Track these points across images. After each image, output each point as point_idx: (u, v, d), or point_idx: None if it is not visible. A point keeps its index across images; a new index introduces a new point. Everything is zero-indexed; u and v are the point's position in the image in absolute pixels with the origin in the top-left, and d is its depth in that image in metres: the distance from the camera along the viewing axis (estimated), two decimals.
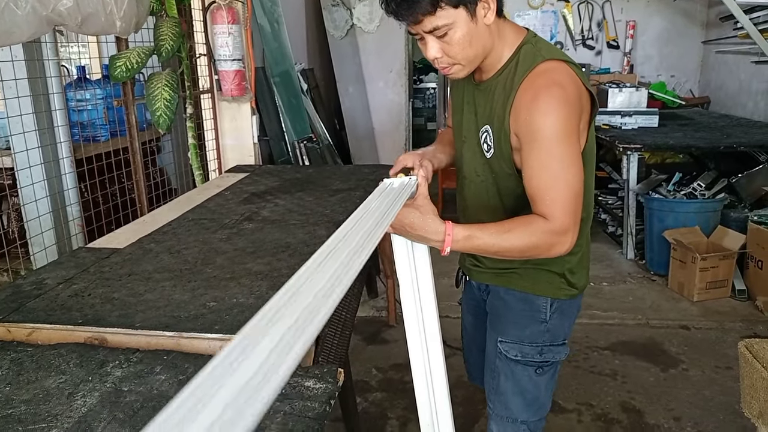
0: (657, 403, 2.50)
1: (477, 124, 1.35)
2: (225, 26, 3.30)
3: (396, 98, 5.81)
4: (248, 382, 0.45)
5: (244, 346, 0.49)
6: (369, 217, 1.00)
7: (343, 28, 5.67)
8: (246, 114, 3.59)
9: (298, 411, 1.07)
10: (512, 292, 1.44)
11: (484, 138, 1.33)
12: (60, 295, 1.53)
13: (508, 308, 1.45)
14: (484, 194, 1.40)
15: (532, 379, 1.44)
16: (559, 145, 1.17)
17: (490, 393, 1.51)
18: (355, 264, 0.73)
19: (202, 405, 0.42)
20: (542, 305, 1.41)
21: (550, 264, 1.37)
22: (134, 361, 1.24)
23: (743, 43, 4.99)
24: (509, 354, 1.44)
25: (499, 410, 1.49)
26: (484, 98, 1.32)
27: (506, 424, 1.49)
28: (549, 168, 1.18)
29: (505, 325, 1.45)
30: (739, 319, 3.23)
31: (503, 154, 1.29)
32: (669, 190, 3.97)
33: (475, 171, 1.39)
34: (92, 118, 3.12)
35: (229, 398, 0.43)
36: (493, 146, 1.30)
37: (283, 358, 0.48)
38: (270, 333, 0.51)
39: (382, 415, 2.46)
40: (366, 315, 3.35)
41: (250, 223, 2.12)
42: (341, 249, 0.79)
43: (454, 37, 1.19)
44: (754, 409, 1.16)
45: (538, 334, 1.42)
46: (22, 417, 1.06)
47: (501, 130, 1.27)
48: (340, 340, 1.68)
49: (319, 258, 0.75)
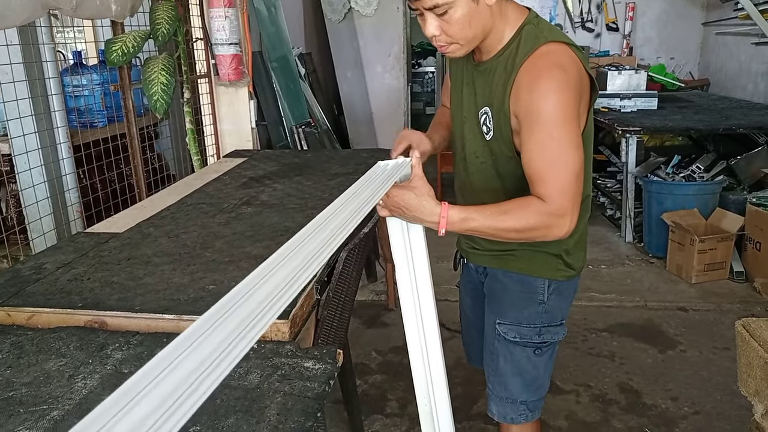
0: (655, 384, 2.52)
1: (476, 106, 1.34)
2: (222, 10, 3.27)
3: (394, 82, 5.78)
4: (210, 355, 0.46)
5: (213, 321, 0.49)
6: (355, 198, 1.00)
7: (340, 11, 5.62)
8: (243, 99, 3.57)
9: (298, 391, 1.08)
10: (510, 274, 1.44)
11: (484, 120, 1.32)
12: (59, 279, 1.53)
13: (505, 290, 1.45)
14: (483, 176, 1.39)
15: (530, 360, 1.45)
16: (559, 127, 1.16)
17: (490, 374, 1.52)
18: (333, 244, 0.73)
19: (168, 371, 0.43)
20: (540, 286, 1.41)
21: (546, 246, 1.37)
22: (134, 343, 1.25)
23: (743, 24, 4.96)
24: (508, 335, 1.44)
25: (498, 391, 1.50)
26: (484, 79, 1.30)
27: (506, 405, 1.50)
28: (548, 149, 1.17)
29: (503, 307, 1.46)
30: (737, 301, 3.24)
31: (503, 137, 1.28)
32: (668, 172, 3.97)
33: (475, 153, 1.38)
34: (89, 103, 3.10)
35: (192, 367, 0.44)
36: (493, 128, 1.30)
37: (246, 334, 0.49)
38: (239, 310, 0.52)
39: (382, 396, 2.48)
40: (365, 299, 3.36)
41: (249, 208, 2.12)
42: (324, 228, 0.79)
43: (454, 16, 1.18)
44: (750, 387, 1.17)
45: (536, 315, 1.43)
46: (23, 399, 1.07)
47: (501, 112, 1.26)
48: (340, 323, 1.69)
49: (299, 238, 0.74)
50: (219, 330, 0.48)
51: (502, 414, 1.51)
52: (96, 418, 0.37)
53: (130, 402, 0.40)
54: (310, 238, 0.71)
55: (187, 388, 0.43)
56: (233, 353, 0.46)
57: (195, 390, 0.43)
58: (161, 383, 0.42)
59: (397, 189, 1.22)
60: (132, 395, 0.40)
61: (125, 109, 3.00)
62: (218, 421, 1.01)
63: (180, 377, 0.43)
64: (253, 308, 0.52)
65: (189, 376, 0.43)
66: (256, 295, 0.54)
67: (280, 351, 1.21)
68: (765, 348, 1.12)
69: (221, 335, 0.48)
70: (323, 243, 0.70)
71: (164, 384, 0.42)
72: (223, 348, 0.46)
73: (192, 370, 0.44)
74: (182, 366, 0.44)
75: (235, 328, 0.49)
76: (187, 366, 0.44)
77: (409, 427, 2.29)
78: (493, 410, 1.53)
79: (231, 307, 0.51)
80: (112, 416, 0.38)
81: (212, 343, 0.47)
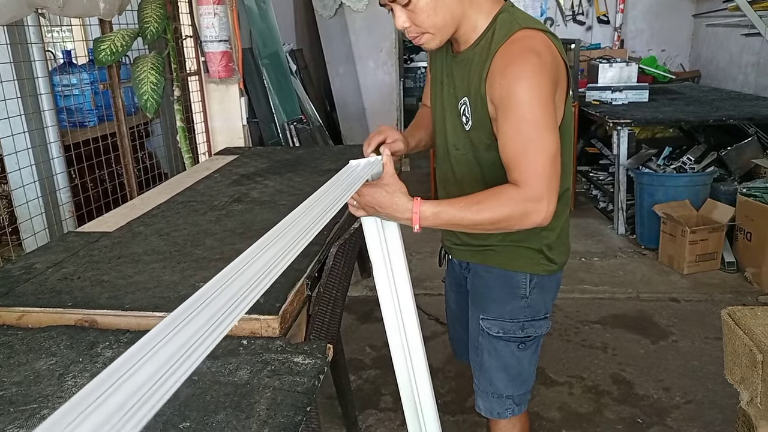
0: (647, 375, 2.54)
1: (456, 97, 1.34)
2: (211, 7, 3.26)
3: (386, 78, 5.78)
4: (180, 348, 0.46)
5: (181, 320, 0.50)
6: (326, 197, 1.01)
7: (331, 7, 5.61)
8: (234, 96, 3.57)
9: (288, 386, 1.08)
10: (491, 269, 1.43)
11: (463, 110, 1.31)
12: (49, 278, 1.53)
13: (487, 286, 1.45)
14: (465, 167, 1.39)
15: (514, 355, 1.45)
16: (533, 110, 1.15)
17: (475, 369, 1.52)
18: (299, 245, 0.74)
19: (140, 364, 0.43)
20: (521, 281, 1.41)
21: (527, 240, 1.37)
22: (124, 341, 1.25)
23: (733, 15, 4.98)
24: (491, 331, 1.44)
25: (484, 386, 1.50)
26: (461, 70, 1.31)
27: (492, 400, 1.50)
28: (522, 133, 1.16)
29: (486, 302, 1.46)
30: (728, 291, 3.27)
31: (482, 125, 1.28)
32: (659, 164, 3.98)
33: (455, 145, 1.38)
34: (79, 103, 3.09)
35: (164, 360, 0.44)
36: (471, 118, 1.29)
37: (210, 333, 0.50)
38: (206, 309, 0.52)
39: (376, 391, 2.49)
40: (359, 294, 3.37)
41: (240, 205, 2.12)
42: (290, 230, 0.80)
43: (418, 5, 1.19)
44: (736, 375, 1.18)
45: (519, 309, 1.42)
46: (14, 398, 1.07)
47: (478, 100, 1.26)
48: (331, 318, 1.69)
49: (268, 238, 0.75)
50: (186, 328, 0.49)
51: (488, 409, 1.51)
52: (62, 416, 0.38)
53: (93, 403, 0.40)
54: (278, 239, 0.71)
55: (150, 388, 0.43)
56: (198, 350, 0.47)
57: (158, 389, 0.44)
58: (126, 383, 0.43)
59: (369, 188, 1.23)
60: (97, 394, 0.41)
61: (115, 108, 2.99)
62: (208, 416, 1.01)
63: (145, 377, 0.44)
64: (220, 306, 0.52)
65: (153, 376, 0.44)
66: (222, 294, 0.55)
67: (270, 347, 1.21)
68: (750, 336, 1.13)
69: (188, 333, 0.48)
70: (290, 242, 0.70)
71: (130, 382, 0.43)
72: (190, 345, 0.47)
73: (158, 368, 0.44)
74: (147, 365, 0.45)
75: (201, 327, 0.49)
76: (152, 364, 0.45)
77: (403, 421, 2.28)
78: (480, 405, 1.53)
79: (198, 307, 0.51)
80: (78, 414, 0.38)
81: (179, 340, 0.47)
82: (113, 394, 0.42)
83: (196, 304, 0.52)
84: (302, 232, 0.74)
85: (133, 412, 0.42)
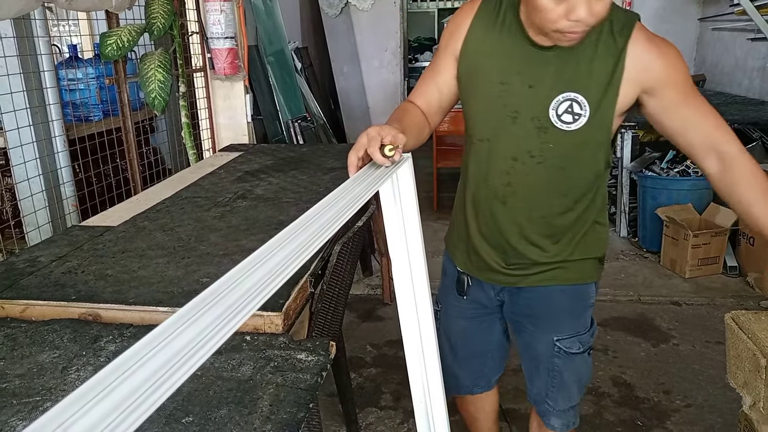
0: (647, 377, 2.54)
1: (544, 94, 1.20)
2: (217, 4, 3.27)
3: (391, 77, 5.78)
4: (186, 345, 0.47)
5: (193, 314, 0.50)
6: (346, 195, 0.99)
7: (337, 6, 5.61)
8: (239, 93, 3.57)
9: (290, 382, 1.08)
10: (559, 287, 1.37)
11: (567, 108, 1.19)
12: (53, 272, 1.54)
13: (557, 305, 1.39)
14: (541, 177, 1.25)
15: (586, 362, 1.44)
16: (696, 89, 1.20)
17: (549, 392, 1.45)
18: (319, 241, 0.72)
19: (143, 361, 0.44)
20: (591, 291, 1.41)
21: (595, 250, 1.37)
22: (128, 335, 1.26)
23: (739, 19, 4.96)
24: (572, 349, 1.39)
25: (563, 404, 1.46)
26: (557, 63, 1.19)
27: (568, 414, 1.48)
28: (708, 107, 1.20)
29: (559, 322, 1.40)
30: (730, 295, 3.26)
31: (603, 121, 1.20)
32: (662, 167, 3.97)
33: (530, 152, 1.24)
34: (84, 97, 3.09)
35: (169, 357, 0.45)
36: (588, 114, 1.18)
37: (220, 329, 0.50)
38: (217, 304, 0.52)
39: (377, 389, 2.49)
40: (361, 293, 3.37)
41: (244, 201, 2.13)
42: (310, 226, 0.78)
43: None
44: (739, 379, 1.18)
45: (588, 318, 1.42)
46: (17, 391, 1.08)
47: (607, 92, 1.17)
48: (334, 316, 1.69)
49: (287, 233, 0.74)
50: (197, 323, 0.49)
51: (565, 424, 1.49)
52: (60, 412, 0.38)
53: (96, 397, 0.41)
54: (297, 234, 0.71)
55: (156, 381, 0.44)
56: (207, 345, 0.47)
57: (165, 381, 0.44)
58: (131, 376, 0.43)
59: None
60: (98, 390, 0.41)
61: (121, 103, 2.99)
62: (211, 411, 1.01)
63: (151, 370, 0.44)
64: (233, 302, 0.52)
65: (160, 369, 0.44)
66: (237, 288, 0.55)
67: (273, 343, 1.21)
68: (754, 340, 1.13)
69: (198, 327, 0.48)
70: (309, 239, 0.70)
71: (135, 376, 0.43)
72: (198, 340, 0.47)
73: (165, 362, 0.45)
74: (155, 359, 0.45)
75: (212, 321, 0.49)
76: (160, 358, 0.45)
77: (403, 419, 2.30)
78: (556, 425, 1.48)
79: (211, 301, 0.52)
80: (77, 410, 0.39)
81: (189, 335, 0.47)
82: (121, 384, 0.42)
83: (212, 296, 0.52)
84: (322, 228, 0.74)
85: (138, 404, 0.42)
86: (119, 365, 0.44)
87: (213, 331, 0.49)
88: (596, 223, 1.36)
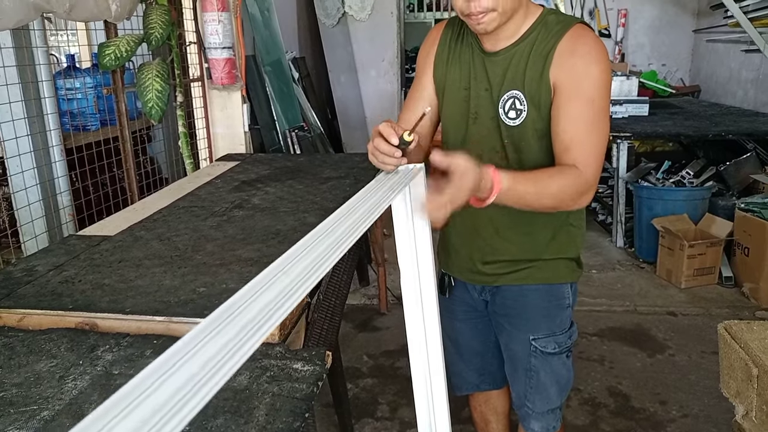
0: (643, 388, 2.54)
1: (495, 95, 1.30)
2: (215, 14, 3.29)
3: (388, 87, 5.80)
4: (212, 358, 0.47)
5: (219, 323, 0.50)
6: (363, 204, 0.99)
7: (334, 16, 5.64)
8: (237, 102, 3.59)
9: (287, 392, 1.09)
10: (535, 287, 1.41)
11: (510, 105, 1.28)
12: (50, 281, 1.54)
13: (533, 304, 1.43)
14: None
15: (565, 364, 1.46)
16: (601, 94, 1.18)
17: (528, 393, 1.47)
18: (339, 251, 0.73)
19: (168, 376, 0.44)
20: (566, 292, 1.43)
21: (568, 251, 1.40)
22: (124, 345, 1.26)
23: (733, 31, 5.02)
24: (547, 349, 1.42)
25: (541, 406, 1.47)
26: (502, 66, 1.29)
27: (548, 417, 1.49)
28: (587, 115, 1.18)
29: (534, 321, 1.43)
30: (725, 306, 3.28)
31: (540, 114, 1.26)
32: (658, 178, 4.00)
33: (494, 148, 1.33)
34: (82, 107, 3.10)
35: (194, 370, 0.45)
36: (526, 109, 1.27)
37: (250, 337, 0.50)
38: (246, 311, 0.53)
39: (373, 400, 2.49)
40: (357, 303, 3.37)
41: (241, 211, 2.13)
42: (330, 234, 0.79)
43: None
44: (731, 388, 1.19)
45: (565, 319, 1.44)
46: (14, 399, 1.08)
47: (541, 87, 1.24)
48: (330, 326, 1.70)
49: (305, 243, 0.75)
50: (220, 336, 0.49)
51: (545, 427, 1.50)
52: (94, 422, 0.38)
53: (128, 406, 0.41)
54: (315, 245, 0.71)
55: (186, 393, 0.44)
56: (234, 359, 0.47)
57: (194, 395, 0.44)
58: (160, 388, 0.43)
59: (452, 181, 1.03)
60: (129, 400, 0.41)
61: (118, 113, 3.00)
62: (207, 421, 1.02)
63: (181, 381, 0.44)
64: (254, 315, 0.53)
65: (188, 381, 0.45)
66: (258, 301, 0.55)
67: (270, 353, 1.22)
68: (746, 350, 1.14)
69: (222, 341, 0.49)
70: (328, 250, 0.70)
71: (163, 389, 0.43)
72: (223, 354, 0.47)
73: (193, 374, 0.45)
74: (184, 369, 0.45)
75: (235, 335, 0.50)
76: (188, 370, 0.45)
77: (400, 430, 2.30)
78: (536, 428, 1.50)
79: (233, 312, 0.52)
80: (109, 420, 0.39)
81: (212, 349, 0.48)
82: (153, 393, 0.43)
83: (235, 306, 0.53)
84: (344, 234, 0.74)
85: (172, 415, 0.42)
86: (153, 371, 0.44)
87: (240, 341, 0.49)
88: (570, 225, 1.41)
